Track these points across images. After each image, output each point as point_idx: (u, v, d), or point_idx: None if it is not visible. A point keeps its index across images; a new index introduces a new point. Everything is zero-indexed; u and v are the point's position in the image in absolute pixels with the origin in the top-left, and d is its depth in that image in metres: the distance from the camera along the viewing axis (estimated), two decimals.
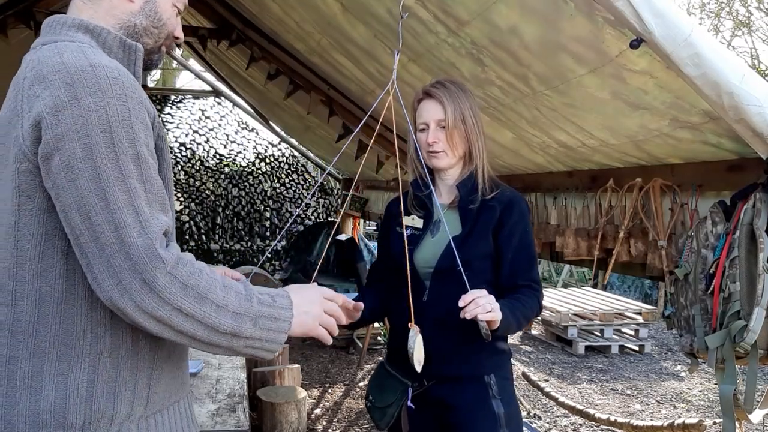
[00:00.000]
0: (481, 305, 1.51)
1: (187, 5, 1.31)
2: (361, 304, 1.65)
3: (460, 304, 1.52)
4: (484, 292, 1.55)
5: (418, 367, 1.58)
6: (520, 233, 1.76)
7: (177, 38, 1.29)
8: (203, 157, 8.32)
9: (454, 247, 1.66)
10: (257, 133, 8.61)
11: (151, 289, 0.97)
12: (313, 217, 8.66)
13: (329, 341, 1.22)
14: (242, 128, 8.57)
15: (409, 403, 1.78)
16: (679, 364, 6.07)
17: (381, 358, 2.23)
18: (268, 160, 8.58)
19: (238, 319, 1.05)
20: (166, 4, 1.23)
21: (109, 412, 1.07)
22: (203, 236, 8.19)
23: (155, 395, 1.14)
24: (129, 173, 1.00)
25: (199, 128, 8.39)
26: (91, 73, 1.01)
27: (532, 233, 1.81)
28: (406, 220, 1.86)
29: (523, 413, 4.44)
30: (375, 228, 9.76)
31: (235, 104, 8.44)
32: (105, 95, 1.00)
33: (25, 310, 1.04)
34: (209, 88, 8.48)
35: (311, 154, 8.42)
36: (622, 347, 6.53)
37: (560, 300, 7.19)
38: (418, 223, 1.84)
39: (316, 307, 1.19)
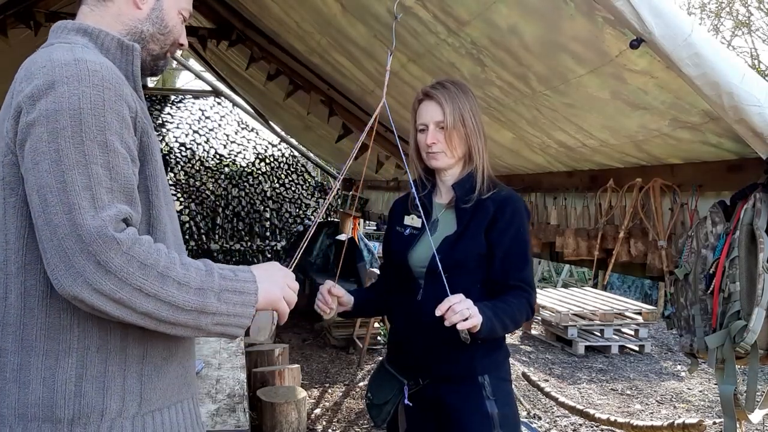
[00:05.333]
0: (458, 311, 1.50)
1: (192, 13, 1.33)
2: (349, 297, 1.77)
3: (437, 313, 1.52)
4: (460, 297, 1.54)
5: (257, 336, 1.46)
6: (512, 232, 1.73)
7: (181, 45, 1.31)
8: (203, 157, 8.32)
9: (433, 246, 1.68)
10: (257, 133, 8.61)
11: (107, 271, 0.96)
12: (312, 217, 8.65)
13: (285, 317, 1.22)
14: (242, 128, 8.57)
15: (405, 401, 1.79)
16: (679, 364, 6.07)
17: (381, 358, 2.24)
18: (268, 161, 8.58)
19: (201, 294, 1.05)
20: (172, 12, 1.26)
21: (99, 408, 1.07)
22: (203, 236, 8.19)
23: (150, 392, 1.14)
24: (93, 159, 1.00)
25: (199, 128, 8.39)
26: (73, 65, 1.03)
27: (527, 234, 1.77)
28: (406, 220, 1.87)
29: (523, 413, 4.44)
30: (375, 228, 9.76)
31: (235, 104, 8.45)
32: (81, 84, 1.02)
33: (13, 303, 1.06)
34: (209, 88, 8.49)
35: (311, 154, 8.43)
36: (622, 347, 6.53)
37: (560, 300, 7.19)
38: (417, 222, 1.84)
39: (279, 279, 1.20)
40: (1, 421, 1.04)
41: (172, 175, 7.99)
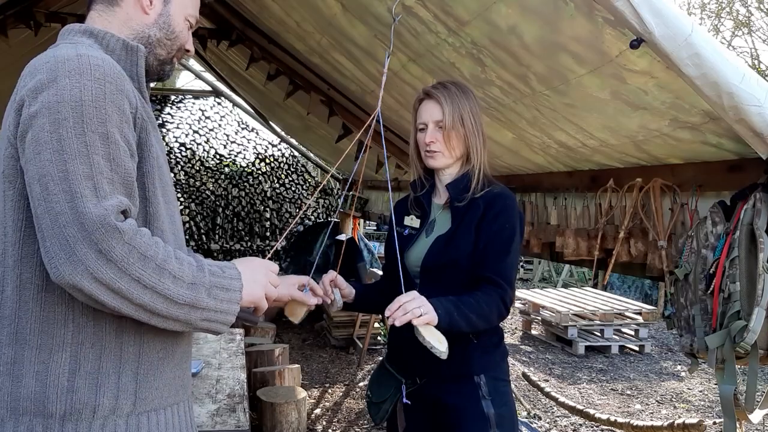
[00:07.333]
0: (409, 310, 1.49)
1: (198, 20, 1.35)
2: (351, 288, 1.79)
3: (387, 313, 1.51)
4: (412, 295, 1.54)
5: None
6: (497, 226, 1.71)
7: (188, 51, 1.33)
8: (203, 157, 8.33)
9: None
10: (257, 133, 8.62)
11: (108, 259, 0.96)
12: (313, 217, 8.66)
13: (263, 311, 1.24)
14: (242, 128, 8.58)
15: (403, 400, 1.80)
16: (679, 364, 6.07)
17: (381, 358, 2.24)
18: (268, 161, 8.59)
19: (193, 289, 1.05)
20: (179, 18, 1.28)
21: (91, 404, 1.07)
22: (203, 236, 8.20)
23: (146, 392, 1.14)
24: (95, 149, 1.00)
25: (199, 128, 8.39)
26: (75, 60, 1.05)
27: (516, 231, 1.74)
28: (406, 220, 1.88)
29: (523, 413, 4.44)
30: (375, 228, 9.76)
31: (235, 104, 8.45)
32: (82, 77, 1.03)
33: (9, 295, 1.06)
34: (209, 88, 8.48)
35: (311, 154, 8.43)
36: (622, 347, 6.53)
37: (560, 300, 7.19)
38: (416, 223, 1.85)
39: (261, 276, 1.21)
40: None
41: (172, 175, 8.00)
